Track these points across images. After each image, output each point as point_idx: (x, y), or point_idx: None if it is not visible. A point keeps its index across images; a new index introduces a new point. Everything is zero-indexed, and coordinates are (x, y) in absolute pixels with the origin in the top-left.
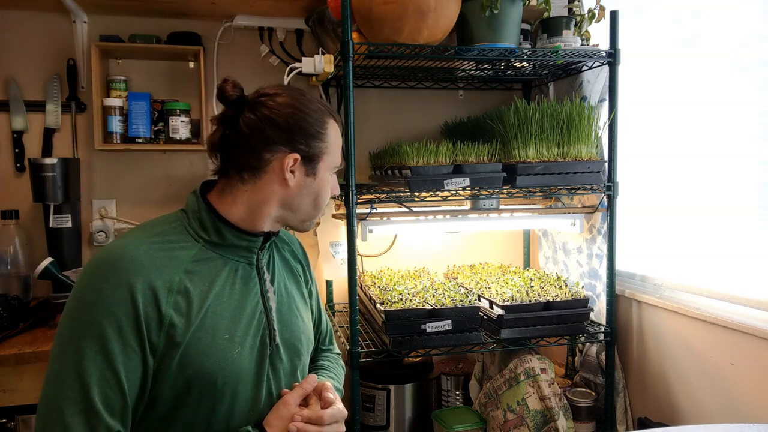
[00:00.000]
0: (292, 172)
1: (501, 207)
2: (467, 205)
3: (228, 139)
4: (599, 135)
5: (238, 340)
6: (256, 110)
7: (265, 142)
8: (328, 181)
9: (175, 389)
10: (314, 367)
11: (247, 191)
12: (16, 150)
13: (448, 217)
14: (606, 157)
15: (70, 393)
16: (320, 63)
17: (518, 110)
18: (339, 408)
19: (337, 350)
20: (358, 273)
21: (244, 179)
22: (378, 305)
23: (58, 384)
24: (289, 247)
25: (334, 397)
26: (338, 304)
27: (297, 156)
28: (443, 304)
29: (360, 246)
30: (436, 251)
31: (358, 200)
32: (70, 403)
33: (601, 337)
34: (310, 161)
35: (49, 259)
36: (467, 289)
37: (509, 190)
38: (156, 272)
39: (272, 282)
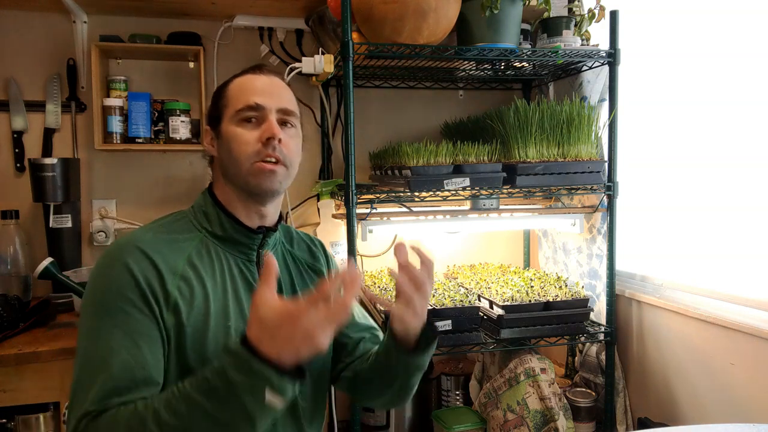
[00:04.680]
0: (210, 143)
1: (501, 207)
2: (467, 205)
3: None
4: (599, 135)
5: (240, 331)
6: None
7: None
8: (233, 129)
9: (184, 376)
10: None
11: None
12: (16, 150)
13: (448, 217)
14: (606, 157)
15: (94, 369)
16: (320, 63)
17: (518, 110)
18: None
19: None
20: None
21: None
22: (378, 305)
23: (82, 367)
24: (306, 249)
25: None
26: None
27: (208, 127)
28: (443, 304)
29: (360, 246)
30: (436, 251)
31: (358, 200)
32: (91, 378)
33: (601, 337)
34: (216, 123)
35: (49, 259)
36: (467, 289)
37: (509, 190)
38: (160, 256)
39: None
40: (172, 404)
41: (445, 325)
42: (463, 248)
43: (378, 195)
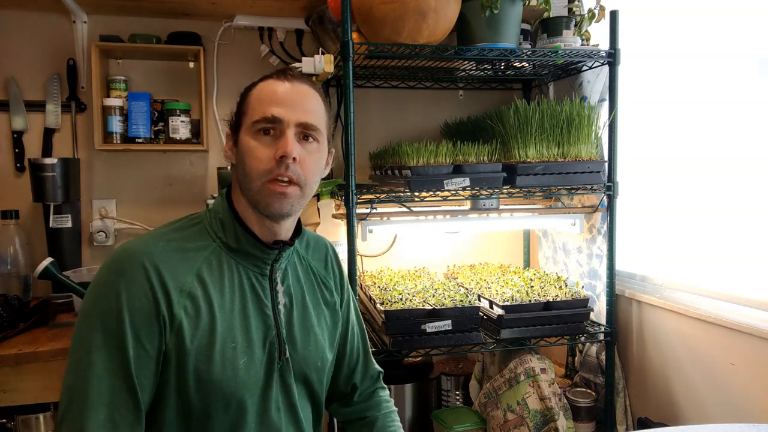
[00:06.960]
0: (230, 149)
1: (501, 207)
2: (467, 205)
3: None
4: (599, 135)
5: (245, 350)
6: None
7: None
8: (248, 141)
9: (184, 397)
10: None
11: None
12: (16, 150)
13: (448, 217)
14: (606, 157)
15: (83, 385)
16: (320, 63)
17: (518, 110)
18: None
19: (383, 390)
20: (358, 273)
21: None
22: (378, 305)
23: (73, 375)
24: (322, 258)
25: None
26: None
27: (229, 132)
28: (443, 304)
29: (360, 246)
30: (436, 251)
31: (358, 200)
32: (81, 396)
33: (601, 337)
34: (236, 130)
35: (49, 259)
36: (467, 289)
37: (509, 190)
38: (169, 272)
39: (286, 295)
40: None
41: (445, 325)
42: (463, 248)
43: (378, 195)
